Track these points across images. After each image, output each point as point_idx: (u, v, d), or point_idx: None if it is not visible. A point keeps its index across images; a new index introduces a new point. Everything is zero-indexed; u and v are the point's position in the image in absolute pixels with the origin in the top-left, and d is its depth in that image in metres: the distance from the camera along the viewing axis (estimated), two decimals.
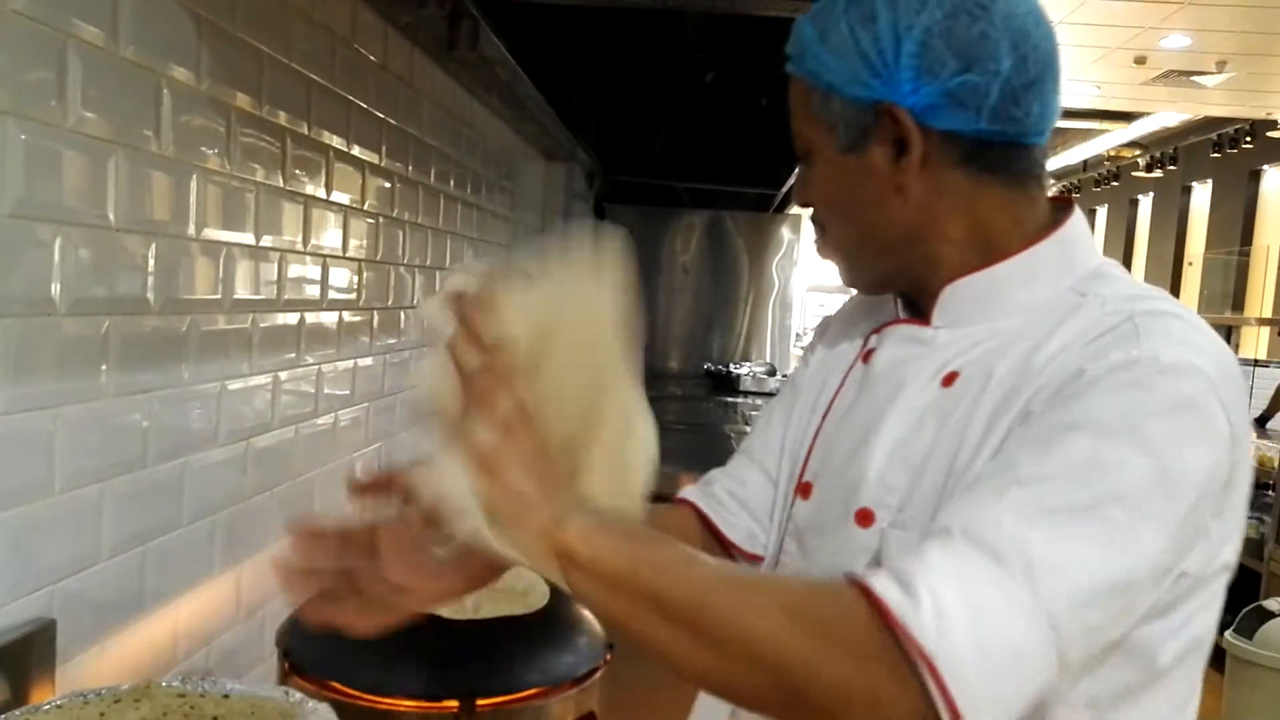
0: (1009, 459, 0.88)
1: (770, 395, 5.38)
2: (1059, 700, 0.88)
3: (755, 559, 1.18)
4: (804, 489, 1.11)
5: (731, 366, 5.74)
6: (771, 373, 5.81)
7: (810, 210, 1.09)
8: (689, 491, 1.30)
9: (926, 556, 0.82)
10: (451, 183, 2.91)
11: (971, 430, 0.95)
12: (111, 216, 1.35)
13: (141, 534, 1.48)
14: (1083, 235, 1.04)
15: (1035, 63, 0.96)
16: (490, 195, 3.39)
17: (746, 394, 5.37)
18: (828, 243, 1.08)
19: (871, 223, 1.02)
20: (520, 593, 1.58)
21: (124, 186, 1.37)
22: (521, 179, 3.96)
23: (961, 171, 0.99)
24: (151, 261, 1.45)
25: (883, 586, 0.80)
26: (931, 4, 0.94)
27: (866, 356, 1.11)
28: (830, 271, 1.15)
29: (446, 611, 1.46)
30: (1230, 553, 0.94)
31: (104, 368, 1.36)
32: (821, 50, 0.99)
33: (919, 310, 1.07)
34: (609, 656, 1.55)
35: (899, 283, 1.08)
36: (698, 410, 4.79)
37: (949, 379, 1.00)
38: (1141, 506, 0.83)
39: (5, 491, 1.20)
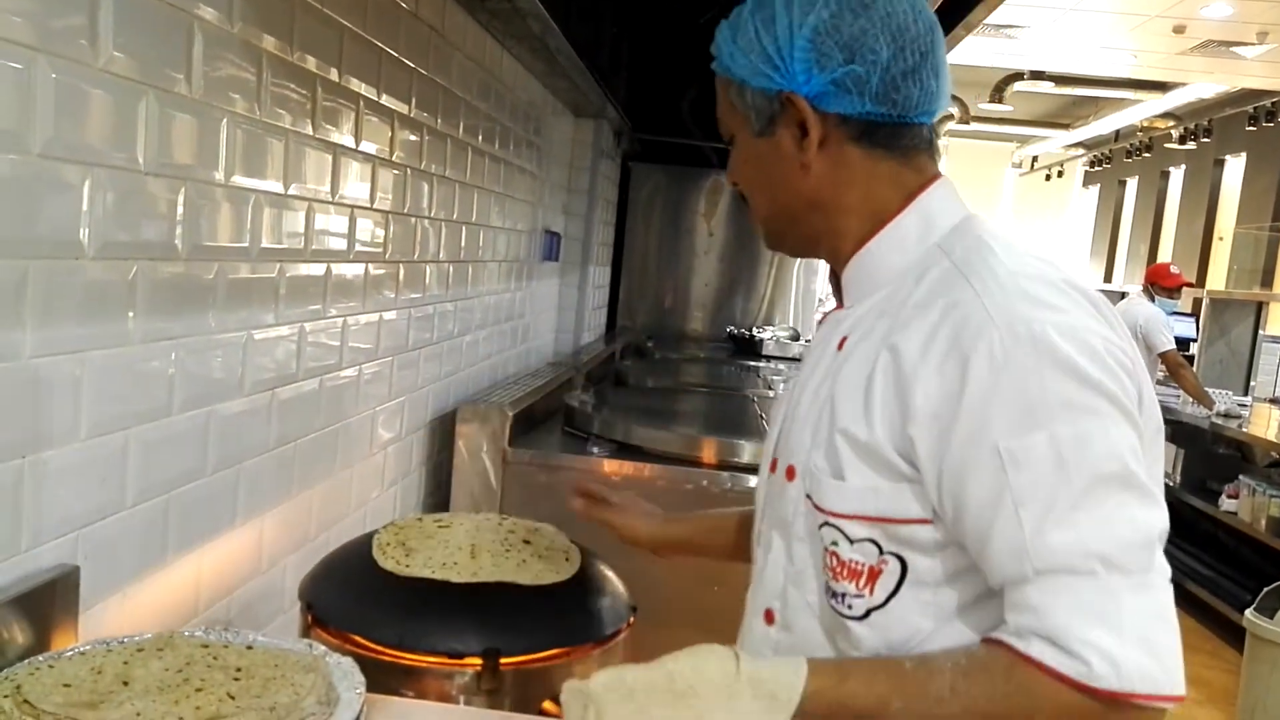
0: (990, 485, 0.98)
1: (793, 360, 5.35)
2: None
3: None
4: (773, 464, 1.27)
5: (754, 330, 5.70)
6: (794, 337, 5.76)
7: (738, 189, 1.25)
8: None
9: (1039, 605, 0.96)
10: (479, 136, 2.87)
11: (846, 382, 1.11)
12: (141, 159, 1.33)
13: (165, 482, 1.47)
14: (942, 198, 1.17)
15: (912, 54, 1.11)
16: (518, 150, 3.35)
17: (769, 358, 5.32)
18: (754, 214, 1.24)
19: (783, 195, 1.19)
20: (563, 555, 1.57)
21: (153, 130, 1.35)
22: (549, 135, 3.93)
23: (855, 148, 1.14)
24: (180, 207, 1.43)
25: (1048, 655, 0.94)
26: (819, 4, 1.10)
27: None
28: None
29: (454, 576, 1.46)
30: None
31: (131, 314, 1.35)
32: (734, 49, 1.16)
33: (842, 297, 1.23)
34: (632, 619, 1.54)
35: (816, 249, 1.24)
36: (719, 374, 4.76)
37: (841, 343, 1.16)
38: (1116, 449, 0.97)
39: (32, 436, 1.19)
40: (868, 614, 1.09)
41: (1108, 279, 14.05)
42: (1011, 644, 0.97)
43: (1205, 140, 11.14)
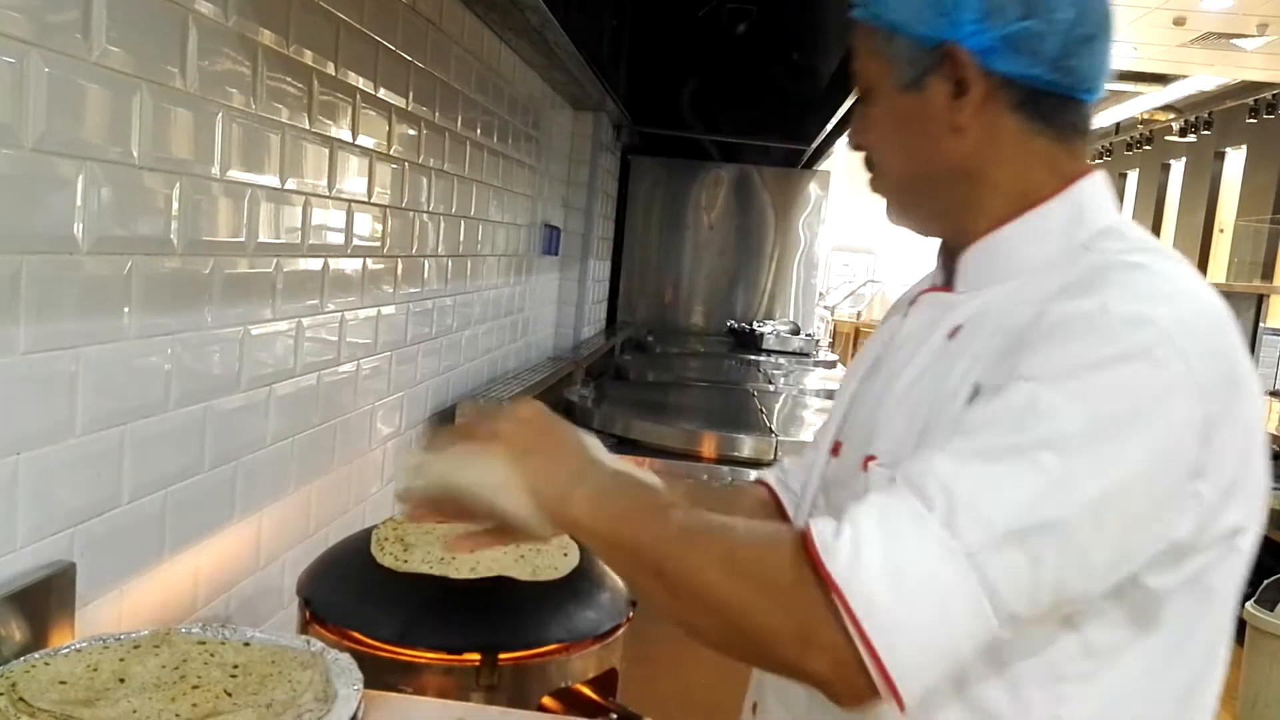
0: (963, 413, 0.91)
1: (793, 354, 5.35)
2: (1052, 647, 0.91)
3: None
4: (835, 448, 1.16)
5: (755, 324, 5.69)
6: (795, 331, 5.76)
7: (862, 153, 1.11)
8: (766, 474, 1.37)
9: (866, 498, 0.88)
10: (478, 130, 2.86)
11: (955, 375, 0.98)
12: (135, 154, 1.32)
13: (162, 478, 1.46)
14: (1097, 194, 1.04)
15: (1093, 21, 0.99)
16: (516, 143, 3.34)
17: (769, 352, 5.33)
18: (880, 181, 1.10)
19: (924, 160, 1.05)
20: (560, 551, 1.56)
21: (148, 124, 1.34)
22: (548, 128, 3.91)
23: (1014, 118, 1.01)
24: (175, 202, 1.43)
25: (819, 525, 0.86)
26: None
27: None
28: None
29: (452, 572, 1.45)
30: (1238, 516, 0.92)
31: (126, 309, 1.34)
32: None
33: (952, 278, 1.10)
34: (631, 614, 1.53)
35: (944, 225, 1.10)
36: (720, 368, 4.75)
37: (953, 332, 1.04)
38: (1075, 451, 0.84)
39: (27, 432, 1.19)
40: None
41: None
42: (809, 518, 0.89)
43: (1206, 133, 11.12)
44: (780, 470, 1.36)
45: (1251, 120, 9.93)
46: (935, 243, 1.13)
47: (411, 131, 2.33)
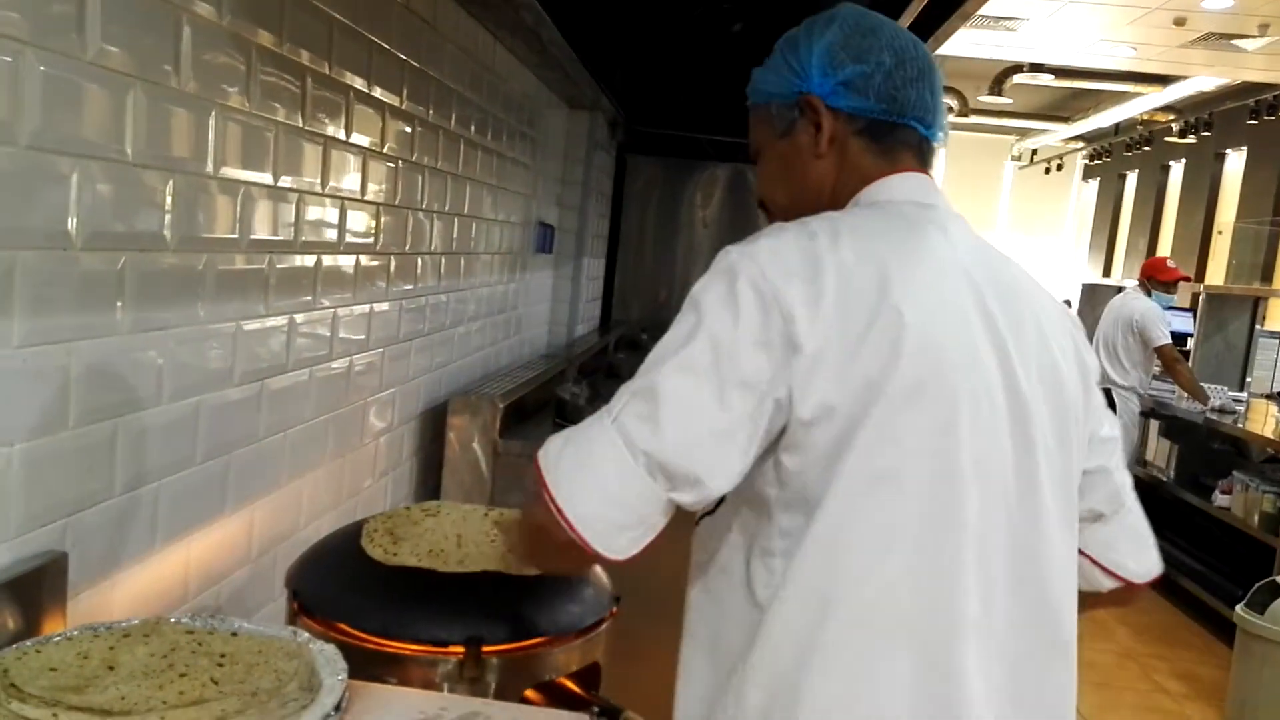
0: None
1: None
2: (762, 529, 1.21)
3: None
4: None
5: None
6: None
7: (761, 208, 1.44)
8: None
9: None
10: (472, 128, 2.88)
11: None
12: (130, 152, 1.34)
13: (154, 471, 1.49)
14: (889, 186, 1.31)
15: (913, 69, 1.31)
16: (511, 142, 3.36)
17: None
18: (775, 216, 1.39)
19: (800, 186, 1.36)
20: None
21: (143, 122, 1.36)
22: (543, 126, 3.93)
23: (857, 141, 1.32)
24: (169, 199, 1.45)
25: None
26: (834, 28, 1.32)
27: None
28: None
29: (440, 565, 1.48)
30: (832, 395, 1.14)
31: (120, 304, 1.36)
32: (764, 74, 1.39)
33: None
34: (615, 609, 1.55)
35: None
36: None
37: None
38: (667, 344, 1.17)
39: (21, 425, 1.21)
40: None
41: (1106, 273, 14.02)
42: None
43: (1205, 134, 11.11)
44: None
45: (1252, 121, 9.91)
46: None
47: (406, 129, 2.36)
